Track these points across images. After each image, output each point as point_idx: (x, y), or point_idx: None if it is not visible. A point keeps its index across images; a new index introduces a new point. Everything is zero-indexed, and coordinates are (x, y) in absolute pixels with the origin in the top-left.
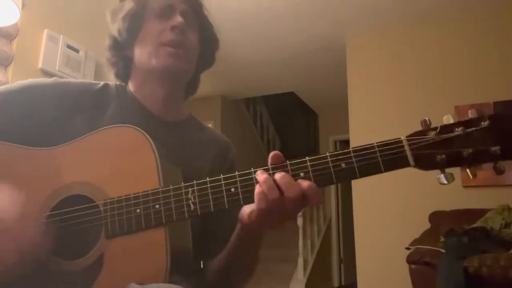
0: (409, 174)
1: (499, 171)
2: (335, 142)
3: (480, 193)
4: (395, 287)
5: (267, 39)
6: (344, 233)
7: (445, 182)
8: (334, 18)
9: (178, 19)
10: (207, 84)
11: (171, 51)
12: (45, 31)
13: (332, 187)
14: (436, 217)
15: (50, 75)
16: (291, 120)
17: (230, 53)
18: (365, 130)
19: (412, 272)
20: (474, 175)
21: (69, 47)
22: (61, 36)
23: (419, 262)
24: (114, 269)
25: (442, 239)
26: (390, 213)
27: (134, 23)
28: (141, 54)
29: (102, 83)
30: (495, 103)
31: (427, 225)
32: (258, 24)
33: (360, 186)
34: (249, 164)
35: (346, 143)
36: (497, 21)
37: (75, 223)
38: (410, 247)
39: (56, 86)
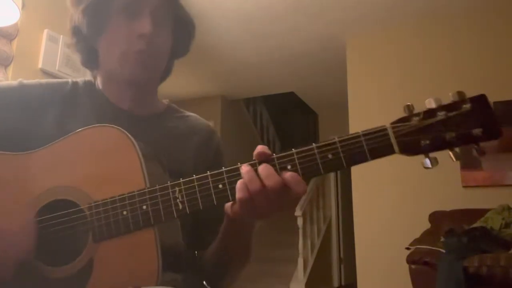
0: (409, 174)
1: (481, 153)
2: None
3: (480, 193)
4: (395, 287)
5: (267, 39)
6: (344, 233)
7: (429, 166)
8: (334, 18)
9: (147, 26)
10: (207, 84)
11: (138, 60)
12: (45, 31)
13: (332, 187)
14: (436, 217)
15: (50, 75)
16: (291, 120)
17: (230, 53)
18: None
19: (412, 272)
20: (458, 158)
21: (68, 46)
22: (61, 36)
23: (419, 262)
24: (105, 273)
25: (442, 239)
26: (390, 213)
27: (97, 18)
28: (106, 55)
29: (70, 81)
30: (495, 103)
31: (427, 225)
32: (258, 24)
33: (360, 186)
34: None
35: None
36: (497, 21)
37: (60, 229)
38: (410, 247)
39: (19, 89)
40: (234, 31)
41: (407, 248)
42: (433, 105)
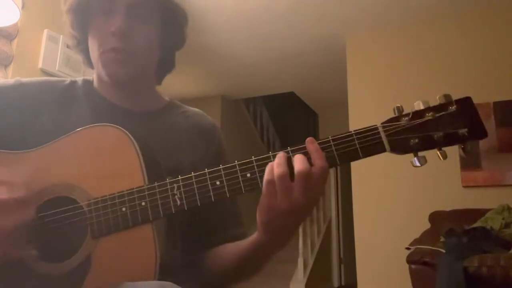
0: (409, 174)
1: (467, 152)
2: None
3: (480, 193)
4: (395, 287)
5: (267, 39)
6: (344, 233)
7: (418, 164)
8: (334, 18)
9: (117, 23)
10: (207, 84)
11: (113, 58)
12: (45, 31)
13: (332, 187)
14: (436, 217)
15: (50, 75)
16: (291, 120)
17: (230, 53)
18: None
19: (412, 272)
20: (445, 157)
21: (69, 47)
22: (61, 36)
23: (419, 262)
24: (103, 268)
25: (442, 239)
26: (390, 213)
27: (80, 18)
28: (91, 54)
29: (69, 80)
30: (495, 103)
31: (427, 225)
32: (258, 24)
33: (360, 186)
34: None
35: None
36: (497, 21)
37: (59, 226)
38: (410, 247)
39: (17, 87)
40: (234, 31)
41: (407, 248)
42: (421, 106)
